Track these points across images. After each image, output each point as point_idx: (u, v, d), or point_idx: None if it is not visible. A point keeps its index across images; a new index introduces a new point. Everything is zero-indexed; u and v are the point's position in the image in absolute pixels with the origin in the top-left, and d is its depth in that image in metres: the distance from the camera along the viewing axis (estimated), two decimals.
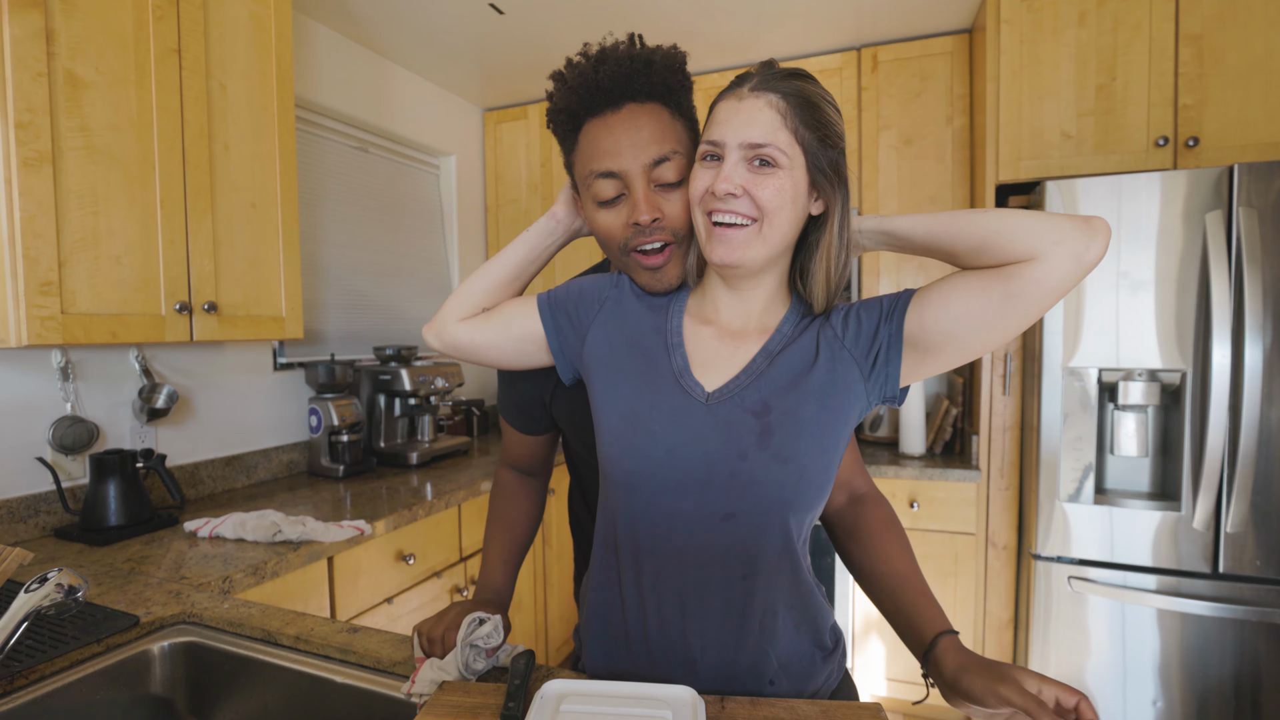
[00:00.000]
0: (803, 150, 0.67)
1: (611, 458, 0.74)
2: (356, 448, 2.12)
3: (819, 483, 0.70)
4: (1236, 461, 1.62)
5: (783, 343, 0.74)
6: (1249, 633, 1.66)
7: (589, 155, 0.78)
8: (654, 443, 0.71)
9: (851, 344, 0.71)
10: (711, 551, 0.71)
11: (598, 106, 0.77)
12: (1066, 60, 1.96)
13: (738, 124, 0.67)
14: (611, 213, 0.78)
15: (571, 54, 0.82)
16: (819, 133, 0.68)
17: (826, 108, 0.69)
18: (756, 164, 0.67)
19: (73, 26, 1.28)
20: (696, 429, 0.70)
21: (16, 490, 1.49)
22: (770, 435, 0.69)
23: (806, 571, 0.77)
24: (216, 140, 1.57)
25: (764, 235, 0.68)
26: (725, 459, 0.69)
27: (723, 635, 0.73)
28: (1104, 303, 1.76)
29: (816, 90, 0.69)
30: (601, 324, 0.79)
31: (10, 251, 1.21)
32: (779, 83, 0.68)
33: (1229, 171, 1.63)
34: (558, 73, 0.81)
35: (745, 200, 0.67)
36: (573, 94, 0.78)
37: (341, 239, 2.41)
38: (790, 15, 2.28)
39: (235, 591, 1.26)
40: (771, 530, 0.70)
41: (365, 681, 0.88)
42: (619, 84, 0.75)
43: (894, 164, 2.43)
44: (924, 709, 2.27)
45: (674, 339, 0.76)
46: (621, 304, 0.80)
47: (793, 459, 0.68)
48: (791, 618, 0.75)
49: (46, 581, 0.75)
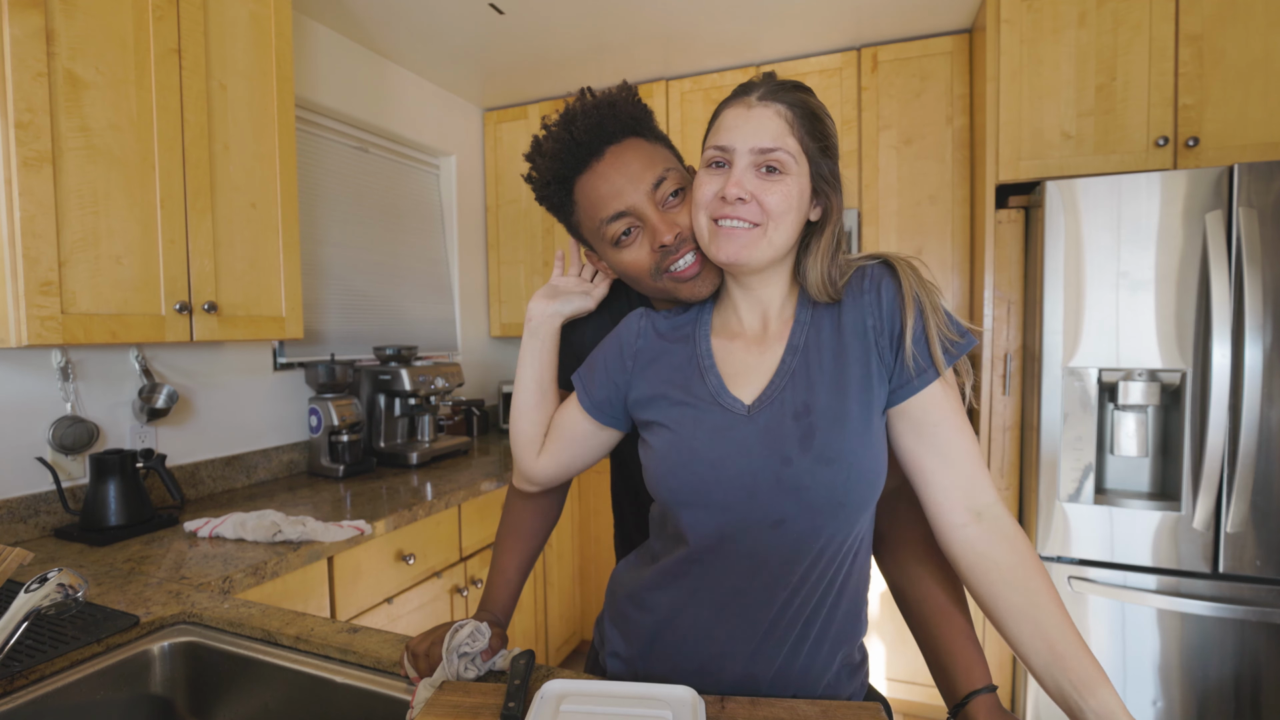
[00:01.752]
0: (807, 158, 0.71)
1: (657, 477, 0.74)
2: (356, 448, 2.12)
3: (870, 479, 0.69)
4: (1236, 461, 1.62)
5: (804, 334, 0.74)
6: (1249, 633, 1.66)
7: (593, 207, 0.82)
8: (697, 459, 0.71)
9: (886, 339, 0.71)
10: (759, 558, 0.70)
11: (583, 162, 0.81)
12: (1066, 60, 1.96)
13: (747, 130, 0.69)
14: (633, 248, 0.82)
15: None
16: (821, 143, 0.71)
17: (827, 120, 0.73)
18: (764, 170, 0.69)
19: (73, 26, 1.28)
20: (739, 440, 0.70)
21: (16, 490, 1.49)
22: (812, 437, 0.68)
23: (859, 583, 0.75)
24: (216, 140, 1.57)
25: (769, 238, 0.70)
26: (769, 465, 0.68)
27: (751, 645, 0.72)
28: (1104, 303, 1.76)
29: (817, 103, 0.73)
30: (639, 376, 0.80)
31: (10, 251, 1.21)
32: (785, 94, 0.71)
33: (1229, 171, 1.63)
34: (530, 154, 0.85)
35: (753, 206, 0.69)
36: (556, 160, 0.82)
37: (341, 239, 2.41)
38: (790, 15, 2.28)
39: (235, 591, 1.26)
40: (822, 535, 0.69)
41: (365, 681, 0.88)
42: (594, 134, 0.80)
43: (894, 164, 2.43)
44: (924, 709, 2.27)
45: (705, 361, 0.77)
46: (650, 349, 0.80)
47: (839, 459, 0.67)
48: (829, 631, 0.73)
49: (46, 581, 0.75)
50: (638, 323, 0.82)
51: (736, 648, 0.73)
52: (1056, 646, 0.63)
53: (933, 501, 0.70)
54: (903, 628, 2.22)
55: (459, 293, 2.99)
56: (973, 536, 0.68)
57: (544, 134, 0.84)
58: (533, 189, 0.87)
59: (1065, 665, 0.62)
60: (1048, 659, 0.63)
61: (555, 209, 0.87)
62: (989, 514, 0.68)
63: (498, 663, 0.82)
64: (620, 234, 0.81)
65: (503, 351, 3.34)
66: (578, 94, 0.84)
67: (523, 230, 3.06)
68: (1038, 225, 1.89)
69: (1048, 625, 0.63)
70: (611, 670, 0.84)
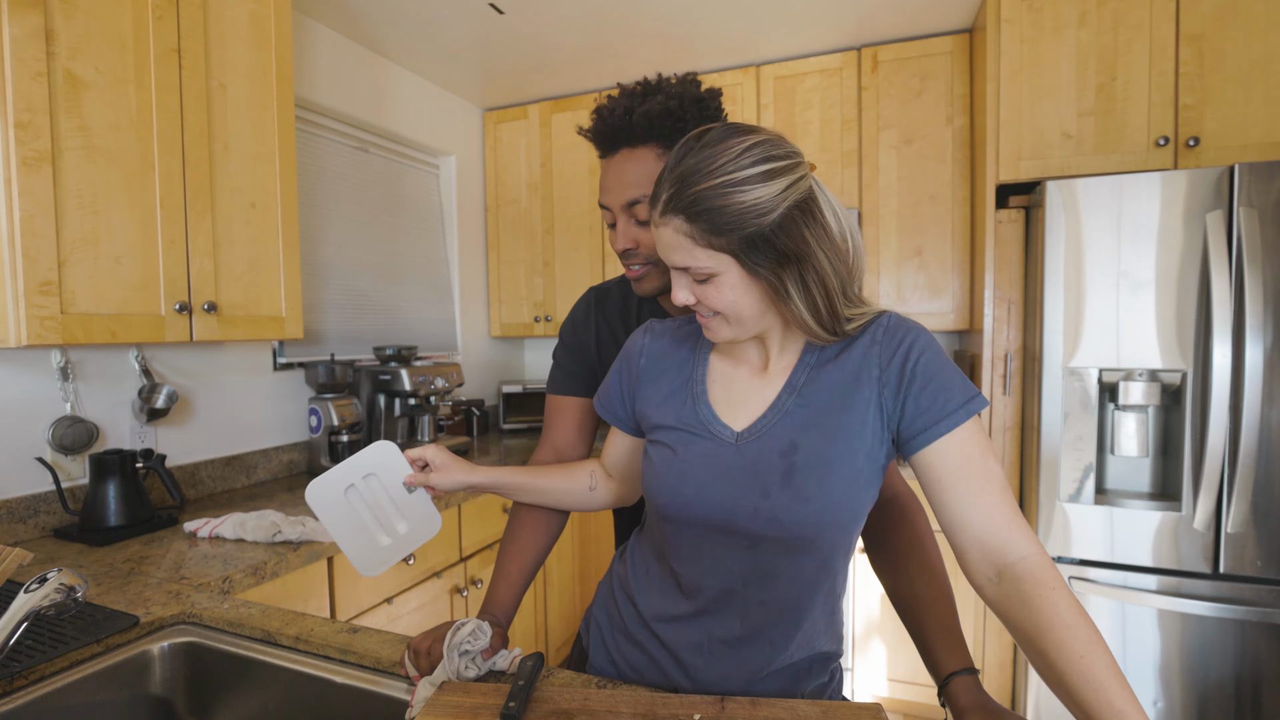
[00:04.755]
0: (729, 255, 0.66)
1: (650, 490, 0.78)
2: (356, 448, 2.12)
3: (844, 522, 0.71)
4: (1237, 461, 1.62)
5: (806, 373, 0.74)
6: (1249, 633, 1.66)
7: (600, 185, 0.94)
8: (684, 481, 0.74)
9: (890, 390, 0.70)
10: (736, 573, 0.74)
11: (603, 149, 0.92)
12: (1067, 60, 1.96)
13: (664, 249, 0.69)
14: (611, 232, 0.95)
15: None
16: (736, 230, 0.64)
17: (735, 195, 0.63)
18: (698, 282, 0.69)
19: (73, 26, 1.28)
20: (724, 468, 0.73)
21: (16, 490, 1.49)
22: (793, 476, 0.70)
23: (841, 609, 0.78)
24: (216, 140, 1.56)
25: (732, 326, 0.71)
26: (749, 497, 0.71)
27: (728, 649, 0.76)
28: (1104, 303, 1.76)
29: (721, 177, 0.63)
30: (643, 395, 0.83)
31: (10, 251, 1.20)
32: (680, 199, 0.65)
33: (1229, 171, 1.63)
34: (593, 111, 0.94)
35: (703, 305, 0.71)
36: (594, 136, 0.93)
37: (341, 239, 2.40)
38: (790, 15, 2.27)
39: (235, 592, 1.25)
40: (795, 563, 0.73)
41: (365, 681, 0.87)
42: (608, 136, 0.90)
43: (894, 164, 2.43)
44: (924, 709, 2.27)
45: (698, 388, 0.79)
46: (652, 368, 0.83)
47: (814, 499, 0.69)
48: (803, 650, 0.77)
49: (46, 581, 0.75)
50: (640, 340, 0.85)
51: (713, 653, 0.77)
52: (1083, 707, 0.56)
53: (957, 556, 0.68)
54: (904, 629, 2.22)
55: (459, 293, 2.99)
56: (990, 597, 0.66)
57: (597, 106, 0.92)
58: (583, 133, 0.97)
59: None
60: (1077, 715, 0.58)
61: None
62: (1009, 575, 0.63)
63: (498, 663, 0.83)
64: (607, 220, 0.95)
65: (503, 351, 3.34)
66: (639, 82, 0.91)
67: (523, 230, 3.06)
68: (1038, 225, 1.89)
69: (1072, 689, 0.57)
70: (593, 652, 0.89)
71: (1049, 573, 0.62)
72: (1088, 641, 0.57)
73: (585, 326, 1.06)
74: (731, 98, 2.65)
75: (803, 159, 0.67)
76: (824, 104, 2.52)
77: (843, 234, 0.69)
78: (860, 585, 2.24)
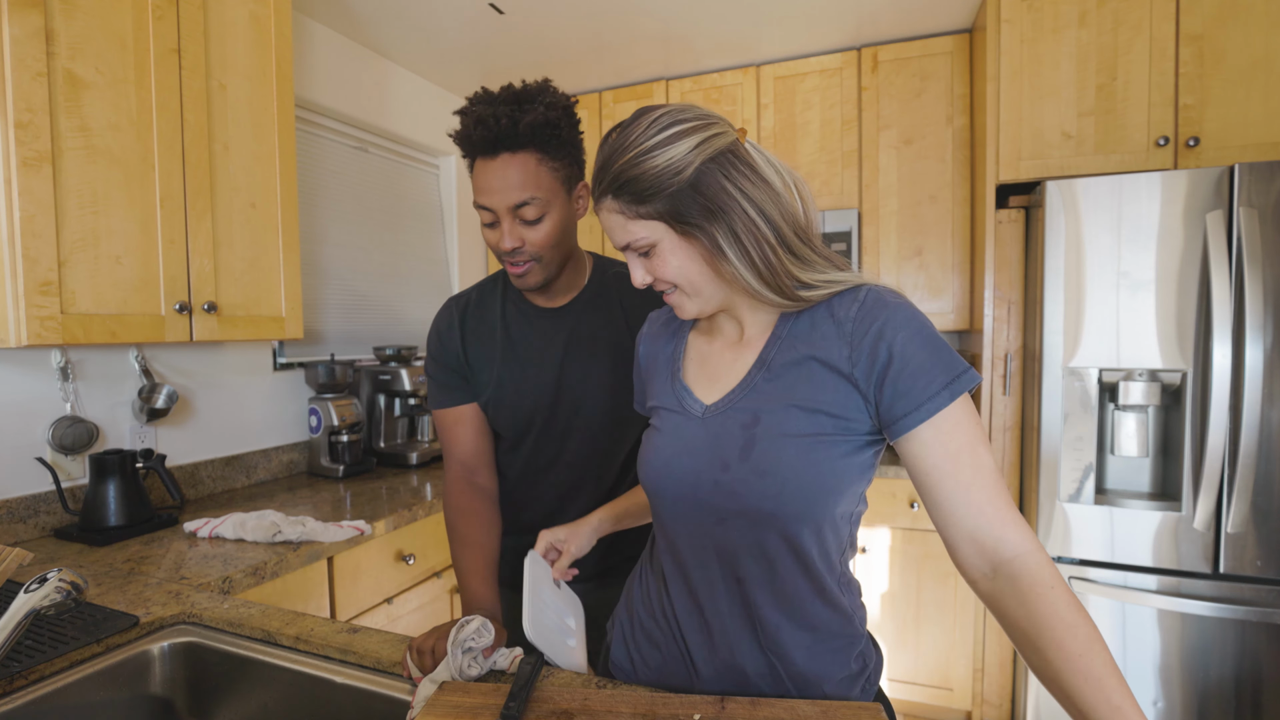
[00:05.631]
0: (659, 221, 0.69)
1: (639, 467, 0.82)
2: (356, 448, 2.12)
3: (809, 496, 0.68)
4: (1237, 461, 1.62)
5: (776, 347, 0.73)
6: (1250, 633, 1.66)
7: (476, 186, 0.98)
8: (656, 454, 0.78)
9: (863, 375, 0.67)
10: (710, 551, 0.75)
11: (482, 151, 0.95)
12: (1067, 60, 1.96)
13: (608, 233, 0.73)
14: (489, 231, 1.00)
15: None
16: (658, 193, 0.66)
17: (648, 160, 0.66)
18: (642, 255, 0.72)
19: (72, 26, 1.28)
20: (688, 441, 0.75)
21: (16, 490, 1.49)
22: (752, 447, 0.69)
23: (830, 590, 0.73)
24: (216, 140, 1.56)
25: (691, 295, 0.73)
26: (710, 470, 0.72)
27: (730, 636, 0.75)
28: (1104, 303, 1.76)
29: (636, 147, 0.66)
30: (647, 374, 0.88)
31: (10, 251, 1.21)
32: (605, 180, 0.69)
33: (1229, 171, 1.63)
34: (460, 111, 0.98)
35: (663, 283, 0.73)
36: (466, 139, 0.96)
37: (341, 239, 2.40)
38: (790, 15, 2.27)
39: (235, 592, 1.25)
40: (765, 538, 0.71)
41: (365, 681, 0.87)
42: (490, 142, 0.93)
43: (894, 164, 2.43)
44: (924, 709, 2.27)
45: (676, 366, 0.82)
46: (648, 360, 0.88)
47: (772, 472, 0.68)
48: (805, 636, 0.73)
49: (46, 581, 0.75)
50: (641, 331, 0.92)
51: (718, 639, 0.76)
52: (1079, 705, 0.56)
53: (948, 549, 0.66)
54: (903, 629, 2.22)
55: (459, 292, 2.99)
56: (984, 592, 0.64)
57: (468, 106, 0.96)
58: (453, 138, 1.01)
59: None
60: (1071, 712, 0.58)
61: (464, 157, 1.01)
62: (1004, 572, 0.61)
63: (499, 661, 0.83)
64: (484, 220, 0.99)
65: None
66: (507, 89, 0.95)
67: None
68: (1038, 225, 1.89)
69: (1067, 688, 0.57)
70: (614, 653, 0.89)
71: (1046, 570, 0.60)
72: (1086, 639, 0.56)
73: (450, 336, 1.12)
74: (731, 98, 2.65)
75: (717, 120, 0.69)
76: (824, 104, 2.52)
77: (785, 184, 0.69)
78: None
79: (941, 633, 2.18)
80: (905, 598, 2.21)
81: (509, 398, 1.10)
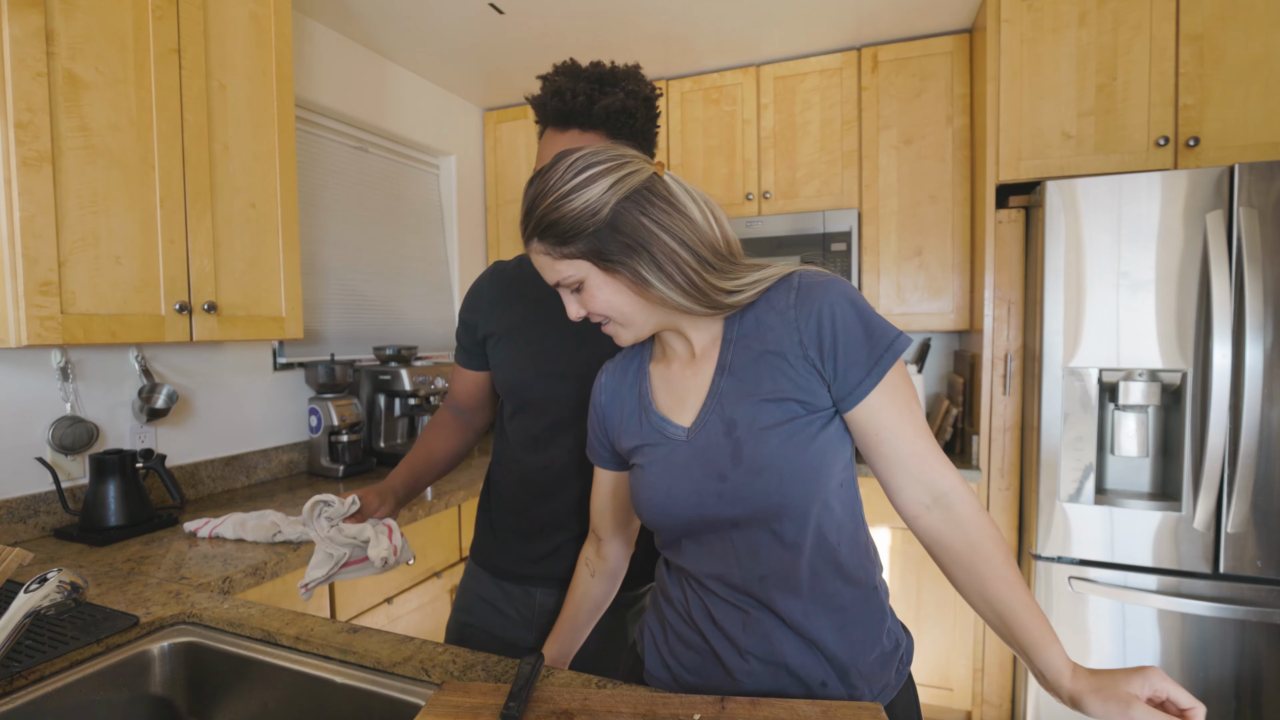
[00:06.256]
0: (583, 259, 0.72)
1: (636, 509, 0.82)
2: (356, 448, 2.12)
3: (805, 478, 0.71)
4: (1237, 461, 1.62)
5: (731, 351, 0.77)
6: (1249, 633, 1.66)
7: (541, 155, 1.00)
8: (655, 489, 0.78)
9: (816, 355, 0.72)
10: (731, 560, 0.76)
11: (553, 124, 0.97)
12: (1067, 60, 1.96)
13: (545, 276, 0.76)
14: None
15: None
16: (578, 234, 0.71)
17: (564, 204, 0.70)
18: (576, 290, 0.75)
19: (73, 26, 1.28)
20: (682, 465, 0.76)
21: (16, 490, 1.49)
22: (741, 450, 0.72)
23: (846, 571, 0.76)
24: (216, 140, 1.56)
25: (624, 325, 0.76)
26: (709, 483, 0.74)
27: (763, 632, 0.76)
28: (1104, 303, 1.76)
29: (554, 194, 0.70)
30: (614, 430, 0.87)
31: (10, 251, 1.21)
32: (530, 225, 0.73)
33: (1229, 171, 1.63)
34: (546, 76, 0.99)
35: (596, 314, 0.76)
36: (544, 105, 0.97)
37: (341, 239, 2.40)
38: (790, 15, 2.27)
39: (235, 592, 1.26)
40: (781, 530, 0.73)
41: (365, 681, 0.87)
42: (565, 116, 0.94)
43: (894, 164, 2.43)
44: (923, 709, 2.27)
45: (645, 401, 0.83)
46: (612, 404, 0.87)
47: (767, 467, 0.71)
48: (834, 618, 0.76)
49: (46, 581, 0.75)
50: (598, 382, 0.90)
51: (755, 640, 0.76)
52: (1005, 616, 0.70)
53: (890, 493, 0.75)
54: None
55: (459, 293, 2.99)
56: (925, 525, 0.73)
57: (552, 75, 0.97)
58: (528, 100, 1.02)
59: (1013, 632, 0.70)
60: (998, 625, 0.72)
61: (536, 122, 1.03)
62: (941, 503, 0.72)
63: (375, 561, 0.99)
64: None
65: None
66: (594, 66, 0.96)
67: None
68: (1038, 225, 1.89)
69: (995, 600, 0.70)
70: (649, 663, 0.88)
71: (974, 500, 0.73)
72: (1006, 555, 0.71)
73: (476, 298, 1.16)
74: (731, 98, 2.65)
75: (632, 158, 0.73)
76: (824, 104, 2.52)
77: (703, 212, 0.73)
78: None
79: (941, 633, 2.18)
80: (905, 598, 2.21)
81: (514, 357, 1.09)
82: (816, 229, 2.47)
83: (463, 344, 1.18)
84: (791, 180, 2.58)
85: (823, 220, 2.47)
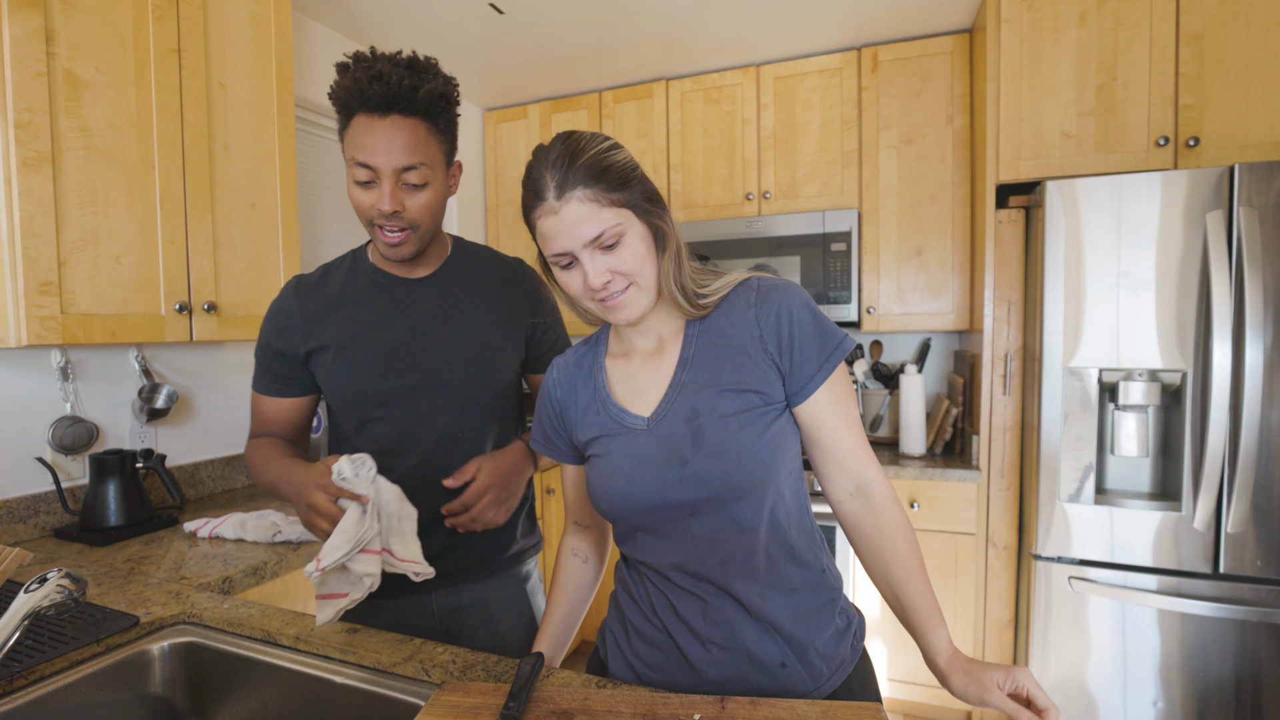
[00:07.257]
0: (628, 209, 0.74)
1: (594, 499, 0.84)
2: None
3: (762, 463, 0.75)
4: (1237, 461, 1.62)
5: (693, 346, 0.81)
6: (1250, 633, 1.66)
7: (354, 145, 0.95)
8: (615, 478, 0.80)
9: (774, 350, 0.77)
10: (689, 548, 0.78)
11: (368, 109, 0.93)
12: (1067, 60, 1.96)
13: (572, 234, 0.73)
14: (363, 192, 0.97)
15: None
16: (626, 184, 0.74)
17: (612, 154, 0.74)
18: (604, 249, 0.74)
19: (72, 26, 1.28)
20: (643, 453, 0.78)
21: (16, 490, 1.49)
22: (702, 436, 0.76)
23: (796, 554, 0.80)
24: (216, 140, 1.56)
25: (642, 289, 0.77)
26: (670, 468, 0.76)
27: (723, 619, 0.78)
28: (1104, 303, 1.76)
29: (595, 147, 0.73)
30: (570, 421, 0.88)
31: (10, 251, 1.21)
32: (571, 173, 0.72)
33: (1229, 171, 1.63)
34: (341, 64, 0.95)
35: (619, 279, 0.75)
36: (351, 92, 0.92)
37: (341, 239, 2.40)
38: (790, 15, 2.27)
39: (235, 592, 1.26)
40: (738, 514, 0.76)
41: (365, 682, 0.87)
42: (386, 100, 0.91)
43: (894, 164, 2.43)
44: (923, 709, 2.27)
45: (602, 393, 0.85)
46: (566, 397, 0.88)
47: (726, 452, 0.75)
48: (788, 600, 0.79)
49: (46, 581, 0.75)
50: (550, 377, 0.91)
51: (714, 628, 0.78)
52: (901, 598, 0.80)
53: (821, 480, 0.83)
54: (903, 629, 2.22)
55: None
56: (845, 510, 0.82)
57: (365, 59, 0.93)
58: (330, 91, 0.97)
59: (907, 613, 0.80)
60: (895, 605, 0.81)
61: (337, 111, 0.97)
62: (862, 492, 0.81)
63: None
64: (363, 179, 0.95)
65: None
66: (397, 55, 0.94)
67: (523, 230, 3.06)
68: (1038, 225, 1.89)
69: (894, 582, 0.80)
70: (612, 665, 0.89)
71: (891, 493, 0.81)
72: (910, 544, 0.80)
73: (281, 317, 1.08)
74: (731, 97, 2.65)
75: None
76: (824, 104, 2.52)
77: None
78: (859, 587, 2.24)
79: None
80: None
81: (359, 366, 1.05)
82: (816, 229, 2.47)
83: (275, 371, 1.09)
84: (791, 180, 2.58)
85: (823, 220, 2.47)
